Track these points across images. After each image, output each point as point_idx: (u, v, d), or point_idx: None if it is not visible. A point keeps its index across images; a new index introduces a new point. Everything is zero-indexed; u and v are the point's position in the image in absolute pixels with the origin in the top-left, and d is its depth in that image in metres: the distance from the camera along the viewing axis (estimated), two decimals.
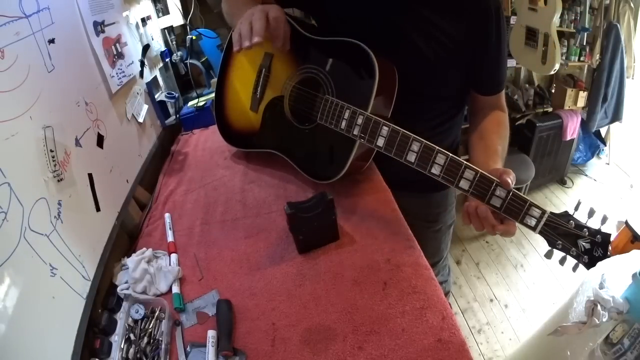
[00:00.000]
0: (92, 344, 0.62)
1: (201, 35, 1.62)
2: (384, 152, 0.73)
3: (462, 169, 0.65)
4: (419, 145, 0.69)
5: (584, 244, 0.61)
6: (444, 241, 1.22)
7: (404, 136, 0.70)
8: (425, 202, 1.10)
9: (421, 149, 0.69)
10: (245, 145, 1.09)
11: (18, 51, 0.61)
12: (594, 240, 0.61)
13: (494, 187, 0.63)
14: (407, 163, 0.71)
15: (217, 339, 0.60)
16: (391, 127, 0.71)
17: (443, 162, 0.67)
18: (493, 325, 1.81)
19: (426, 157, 0.68)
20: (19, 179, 0.55)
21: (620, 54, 2.26)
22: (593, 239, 0.61)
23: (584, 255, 0.62)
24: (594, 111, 2.45)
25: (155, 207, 1.00)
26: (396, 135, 0.71)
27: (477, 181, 0.65)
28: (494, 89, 0.89)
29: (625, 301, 0.89)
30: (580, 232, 0.61)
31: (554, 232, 0.62)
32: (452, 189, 1.12)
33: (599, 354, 0.91)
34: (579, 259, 0.63)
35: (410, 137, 0.70)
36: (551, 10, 1.94)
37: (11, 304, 0.50)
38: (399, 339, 0.56)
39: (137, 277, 0.73)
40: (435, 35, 0.80)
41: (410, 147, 0.70)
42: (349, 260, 0.70)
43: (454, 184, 0.67)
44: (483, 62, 0.85)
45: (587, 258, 0.62)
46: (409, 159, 0.70)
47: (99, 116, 0.86)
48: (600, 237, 0.60)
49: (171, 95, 1.33)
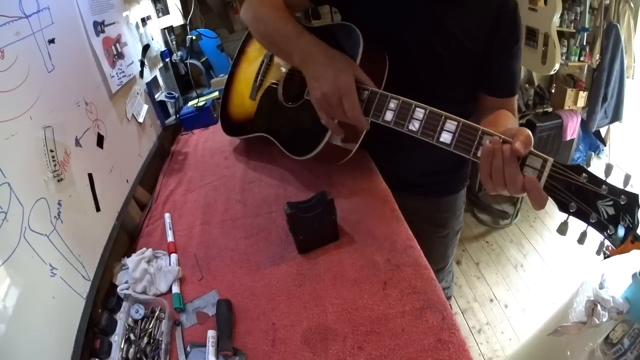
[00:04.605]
0: (92, 344, 0.62)
1: (201, 35, 1.62)
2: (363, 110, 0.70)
3: (442, 119, 0.60)
4: (396, 102, 0.66)
5: (606, 208, 0.46)
6: (450, 247, 1.19)
7: (382, 95, 0.68)
8: (433, 206, 1.08)
9: (399, 106, 0.66)
10: (241, 133, 1.11)
11: (18, 51, 0.61)
12: (617, 202, 0.46)
13: (479, 136, 0.55)
14: (385, 123, 0.68)
15: (217, 339, 0.60)
16: (371, 89, 0.69)
17: (422, 116, 0.62)
18: (493, 325, 1.81)
19: (404, 114, 0.65)
20: (19, 179, 0.55)
21: (620, 54, 2.26)
22: (616, 199, 0.46)
23: (608, 224, 0.46)
24: (594, 111, 2.45)
25: (155, 207, 1.00)
26: (374, 97, 0.69)
27: (460, 131, 0.58)
28: (505, 90, 0.83)
29: (625, 301, 0.90)
30: (598, 190, 0.47)
31: (565, 188, 0.49)
32: (461, 194, 1.10)
33: (599, 354, 0.91)
34: (602, 229, 0.48)
35: (388, 96, 0.67)
36: (551, 10, 1.94)
37: (11, 304, 0.50)
38: (399, 339, 0.55)
39: (137, 277, 0.73)
40: (450, 30, 0.77)
41: (389, 106, 0.67)
42: (349, 260, 0.70)
43: (434, 138, 0.61)
44: (495, 61, 0.80)
45: (612, 229, 0.46)
46: (386, 119, 0.67)
47: (99, 116, 0.86)
48: (626, 199, 0.45)
49: (171, 95, 1.33)
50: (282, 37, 0.77)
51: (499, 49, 0.80)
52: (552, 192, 0.50)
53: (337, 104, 0.68)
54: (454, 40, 0.78)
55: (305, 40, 0.74)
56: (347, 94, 0.67)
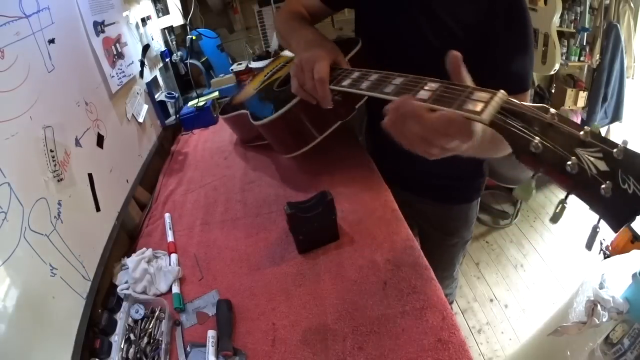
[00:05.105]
0: (92, 344, 0.62)
1: (201, 35, 1.62)
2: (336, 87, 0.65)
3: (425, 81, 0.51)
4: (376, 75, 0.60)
5: (593, 160, 0.31)
6: (457, 256, 1.17)
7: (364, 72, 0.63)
8: (445, 213, 1.06)
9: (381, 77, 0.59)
10: (229, 112, 1.15)
11: (18, 51, 0.61)
12: (609, 154, 0.31)
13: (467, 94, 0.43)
14: (359, 91, 0.60)
15: (217, 339, 0.60)
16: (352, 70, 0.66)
17: (401, 81, 0.55)
18: (493, 325, 1.81)
19: (383, 81, 0.58)
20: (19, 179, 0.55)
21: (620, 54, 2.26)
22: (608, 150, 0.31)
23: (602, 179, 0.30)
24: (594, 111, 2.45)
25: (155, 207, 1.00)
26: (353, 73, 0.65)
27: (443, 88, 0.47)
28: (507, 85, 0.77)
29: (625, 301, 0.90)
30: (575, 132, 0.33)
31: (524, 122, 0.36)
32: (474, 204, 1.08)
33: (599, 354, 0.91)
34: (592, 190, 0.31)
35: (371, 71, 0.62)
36: (551, 10, 1.94)
37: (11, 304, 0.50)
38: (399, 339, 0.55)
39: (137, 277, 0.73)
40: (442, 19, 0.73)
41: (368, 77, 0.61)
42: (349, 260, 0.70)
43: None
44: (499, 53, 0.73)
45: (609, 185, 0.30)
46: (362, 87, 0.60)
47: (99, 116, 0.86)
48: (623, 155, 0.30)
49: (171, 95, 1.33)
50: (288, 29, 0.85)
51: (500, 40, 0.72)
52: (504, 128, 0.37)
53: (308, 69, 0.68)
54: (446, 30, 0.73)
55: (305, 31, 0.79)
56: (320, 60, 0.67)
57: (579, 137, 0.32)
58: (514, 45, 0.73)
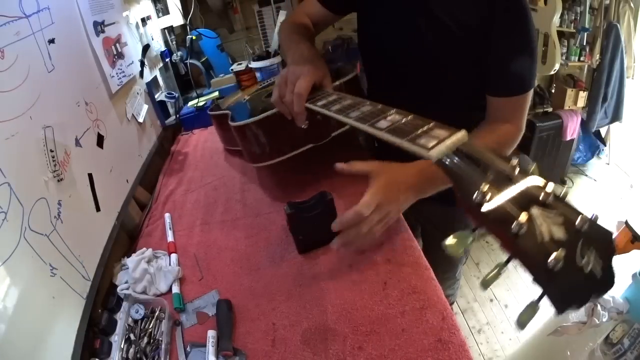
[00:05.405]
0: (92, 344, 0.62)
1: (201, 35, 1.62)
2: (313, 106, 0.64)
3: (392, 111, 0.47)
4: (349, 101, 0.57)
5: (549, 224, 0.27)
6: (460, 258, 1.17)
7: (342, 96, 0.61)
8: (447, 214, 1.02)
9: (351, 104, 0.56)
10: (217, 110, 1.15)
11: (18, 51, 0.61)
12: (571, 221, 0.27)
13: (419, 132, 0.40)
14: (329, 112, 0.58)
15: (217, 339, 0.60)
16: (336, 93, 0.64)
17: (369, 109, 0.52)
18: (493, 325, 1.81)
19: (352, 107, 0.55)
20: (19, 179, 0.55)
21: (620, 54, 2.26)
22: (571, 216, 0.27)
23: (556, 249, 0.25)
24: (594, 111, 2.45)
25: (155, 207, 1.00)
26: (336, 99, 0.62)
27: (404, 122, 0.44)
28: (502, 87, 0.73)
29: (625, 301, 0.90)
30: (535, 189, 0.28)
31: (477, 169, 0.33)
32: None
33: (599, 354, 0.91)
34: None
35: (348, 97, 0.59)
36: (551, 10, 1.94)
37: (11, 304, 0.50)
38: (399, 339, 0.55)
39: (137, 277, 0.72)
40: (441, 18, 0.72)
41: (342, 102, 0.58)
42: (349, 260, 0.70)
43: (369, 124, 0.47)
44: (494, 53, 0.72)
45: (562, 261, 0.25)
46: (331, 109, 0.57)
47: (99, 116, 0.86)
48: (588, 226, 0.26)
49: (171, 95, 1.33)
50: (288, 42, 0.84)
51: (499, 40, 0.71)
52: (451, 170, 0.34)
53: (291, 82, 0.68)
54: (444, 30, 0.72)
55: (302, 46, 0.78)
56: (304, 76, 0.67)
57: (539, 195, 0.28)
58: (514, 45, 0.72)
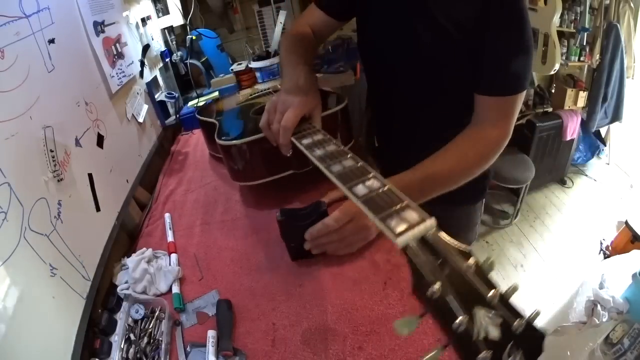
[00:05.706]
0: (92, 344, 0.62)
1: (201, 35, 1.62)
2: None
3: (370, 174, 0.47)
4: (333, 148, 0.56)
5: (487, 324, 0.28)
6: None
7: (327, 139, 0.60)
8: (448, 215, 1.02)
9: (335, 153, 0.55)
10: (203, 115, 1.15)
11: (18, 51, 0.61)
12: (508, 324, 0.27)
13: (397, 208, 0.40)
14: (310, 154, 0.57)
15: (217, 339, 0.60)
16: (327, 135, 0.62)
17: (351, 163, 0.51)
18: None
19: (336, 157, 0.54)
20: (19, 179, 0.55)
21: (620, 54, 2.26)
22: (509, 319, 0.28)
23: (486, 349, 0.27)
24: (594, 111, 2.45)
25: (155, 207, 1.00)
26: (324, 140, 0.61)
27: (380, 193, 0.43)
28: (493, 86, 0.73)
29: (625, 301, 0.90)
30: (483, 290, 0.30)
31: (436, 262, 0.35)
32: (478, 206, 1.07)
33: (599, 354, 0.91)
34: None
35: (332, 141, 0.59)
36: (551, 10, 1.94)
37: (11, 304, 0.50)
38: (399, 339, 0.55)
39: (137, 277, 0.72)
40: (438, 19, 0.71)
41: (326, 147, 0.57)
42: (349, 260, 0.70)
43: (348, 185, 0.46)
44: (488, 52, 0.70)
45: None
46: (315, 154, 0.56)
47: (99, 116, 0.86)
48: (523, 329, 0.27)
49: (171, 95, 1.33)
50: (287, 62, 0.82)
51: (494, 40, 0.70)
52: (412, 260, 0.37)
53: (280, 111, 0.68)
54: (441, 30, 0.71)
55: (300, 71, 0.76)
56: (294, 108, 0.67)
57: (485, 296, 0.30)
58: (509, 45, 0.71)
